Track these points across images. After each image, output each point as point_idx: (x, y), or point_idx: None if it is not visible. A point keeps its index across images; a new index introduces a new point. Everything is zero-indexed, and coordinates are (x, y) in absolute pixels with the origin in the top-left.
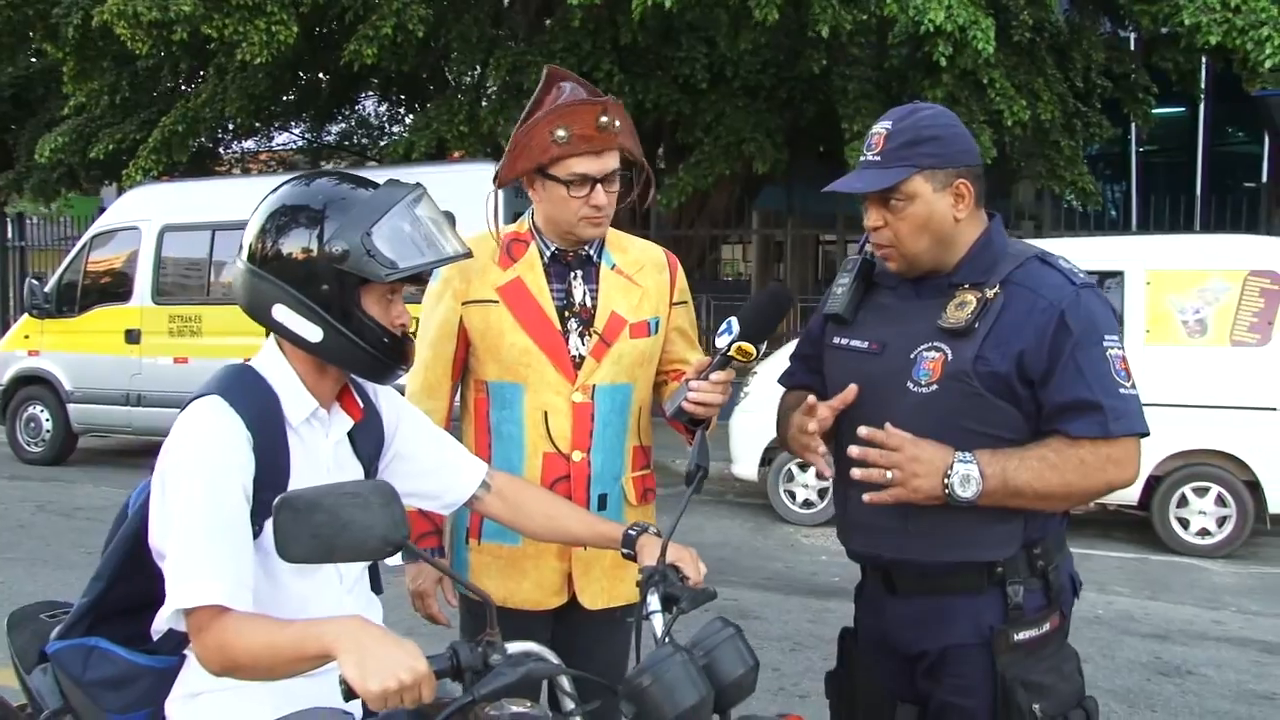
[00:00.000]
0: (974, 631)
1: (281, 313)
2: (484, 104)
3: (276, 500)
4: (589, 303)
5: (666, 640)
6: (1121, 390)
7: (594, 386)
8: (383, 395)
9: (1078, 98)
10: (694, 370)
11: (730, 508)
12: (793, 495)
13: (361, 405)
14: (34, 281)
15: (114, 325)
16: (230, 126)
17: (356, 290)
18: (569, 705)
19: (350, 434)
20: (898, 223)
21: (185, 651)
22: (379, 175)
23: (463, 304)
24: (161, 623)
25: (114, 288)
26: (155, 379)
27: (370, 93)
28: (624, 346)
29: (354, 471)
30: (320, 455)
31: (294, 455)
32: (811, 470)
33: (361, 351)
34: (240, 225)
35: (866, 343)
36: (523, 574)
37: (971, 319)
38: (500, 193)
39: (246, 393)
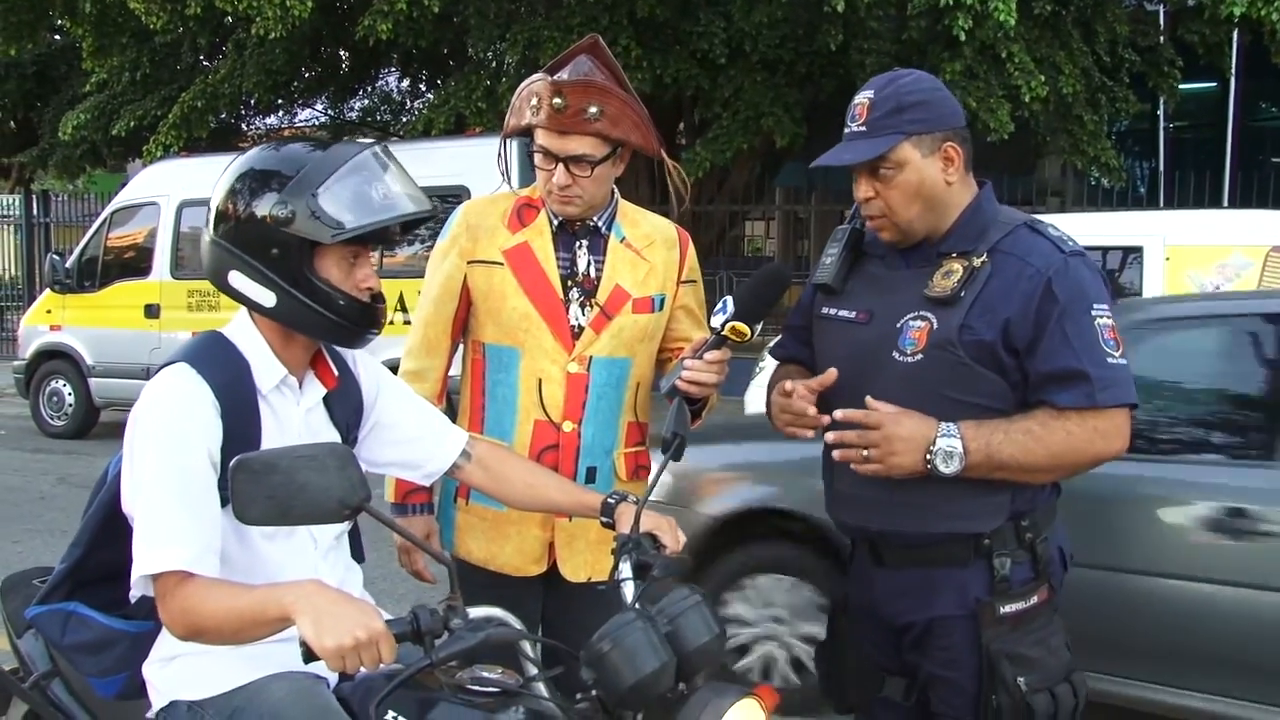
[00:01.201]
0: (960, 603)
1: (237, 279)
2: (503, 80)
3: (233, 462)
4: (593, 274)
5: (634, 606)
6: (1110, 360)
7: (591, 358)
8: (362, 363)
9: (1104, 71)
10: (690, 349)
11: None
12: None
13: (337, 373)
14: (55, 257)
15: (134, 300)
16: (250, 103)
17: (309, 253)
18: (532, 670)
19: (327, 401)
20: (889, 192)
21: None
22: (400, 150)
23: (468, 263)
24: (135, 588)
25: (134, 263)
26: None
27: (391, 68)
28: (625, 320)
29: (329, 439)
30: (291, 423)
31: (265, 422)
32: None
33: (317, 315)
34: None
35: (854, 312)
36: (505, 538)
37: (958, 288)
38: (514, 146)
39: (215, 360)
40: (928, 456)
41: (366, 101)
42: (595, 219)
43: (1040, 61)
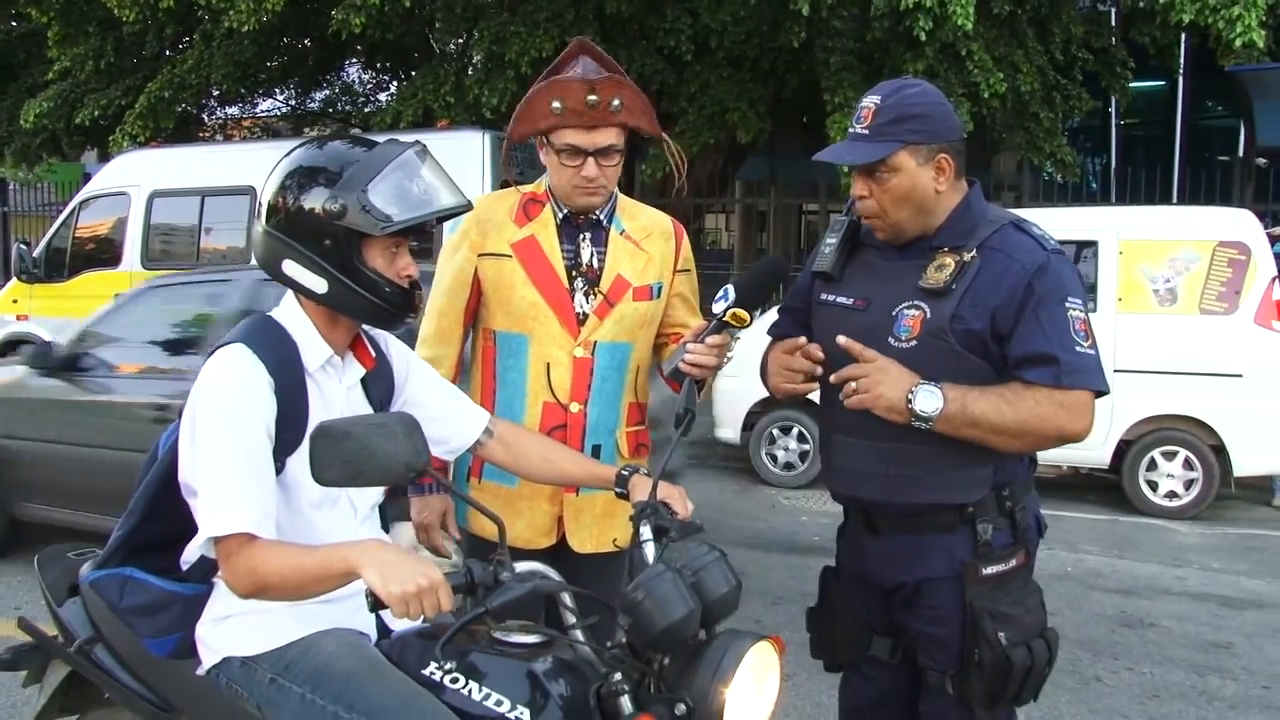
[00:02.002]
0: (946, 565)
1: (290, 267)
2: (470, 73)
3: (314, 429)
4: (596, 264)
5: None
6: (1078, 348)
7: (595, 343)
8: (394, 346)
9: (1058, 70)
10: (691, 334)
11: (714, 471)
12: (774, 458)
13: (374, 354)
14: (22, 246)
15: (103, 290)
16: (216, 93)
17: (357, 244)
18: (570, 619)
19: (363, 381)
20: (882, 194)
21: (214, 579)
22: (377, 139)
23: (478, 256)
24: (192, 552)
25: (103, 253)
26: None
27: (355, 60)
28: (626, 308)
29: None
30: (334, 399)
31: (311, 399)
32: (793, 434)
33: (365, 300)
34: (230, 191)
35: (852, 299)
36: (517, 514)
37: (949, 280)
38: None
39: (268, 341)
40: (909, 395)
41: (328, 92)
42: (598, 212)
43: (999, 60)
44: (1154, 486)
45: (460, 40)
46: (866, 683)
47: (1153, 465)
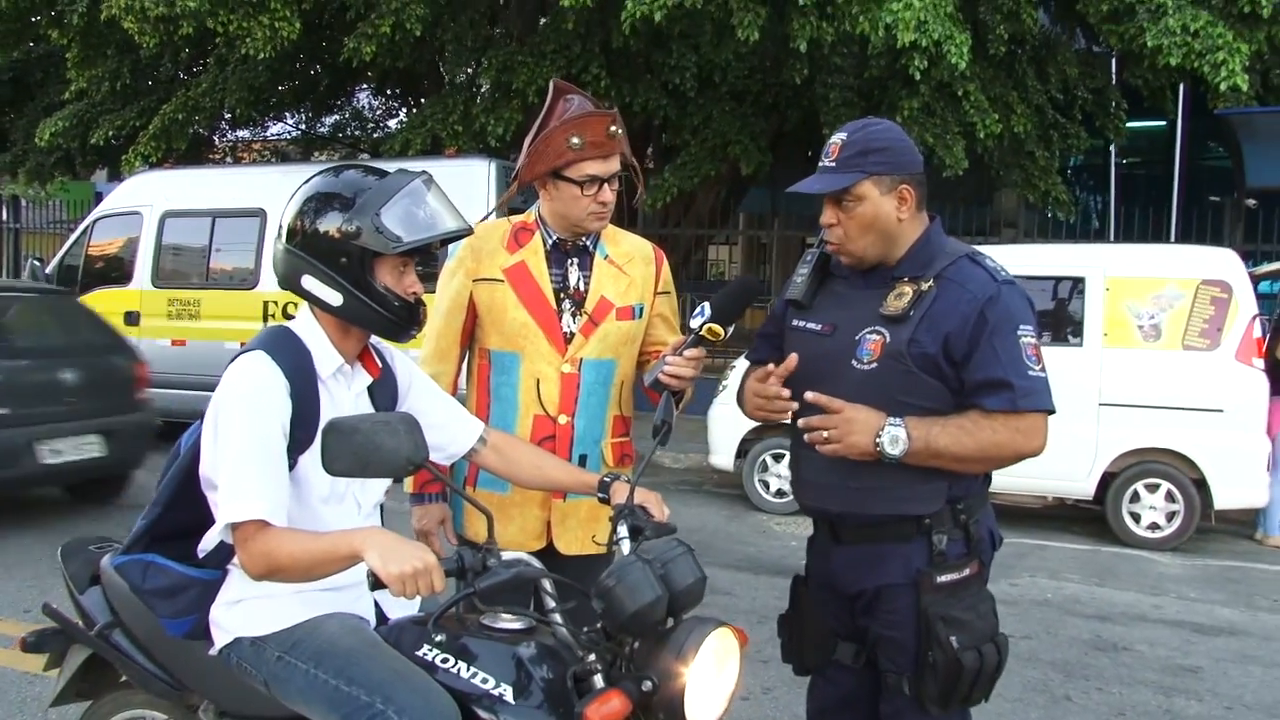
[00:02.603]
0: (904, 573)
1: (309, 282)
2: (477, 102)
3: (325, 425)
4: (582, 287)
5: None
6: (1030, 372)
7: (581, 360)
8: (398, 359)
9: (1058, 110)
10: (670, 348)
11: (707, 496)
12: (766, 485)
13: (380, 365)
14: (36, 263)
15: (114, 307)
16: (229, 116)
17: (370, 262)
18: (550, 604)
19: (370, 389)
20: (848, 221)
21: (229, 566)
22: (386, 167)
23: (473, 281)
24: (209, 540)
25: (114, 270)
26: (153, 360)
27: (365, 86)
28: (610, 327)
29: None
30: (344, 404)
31: (323, 402)
32: (784, 462)
33: (375, 313)
34: (240, 212)
35: (820, 325)
36: (509, 519)
37: (907, 307)
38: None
39: (285, 349)
40: (877, 439)
41: (337, 117)
42: (585, 239)
43: (994, 100)
44: (1137, 518)
45: (469, 70)
46: (831, 685)
47: (1136, 497)
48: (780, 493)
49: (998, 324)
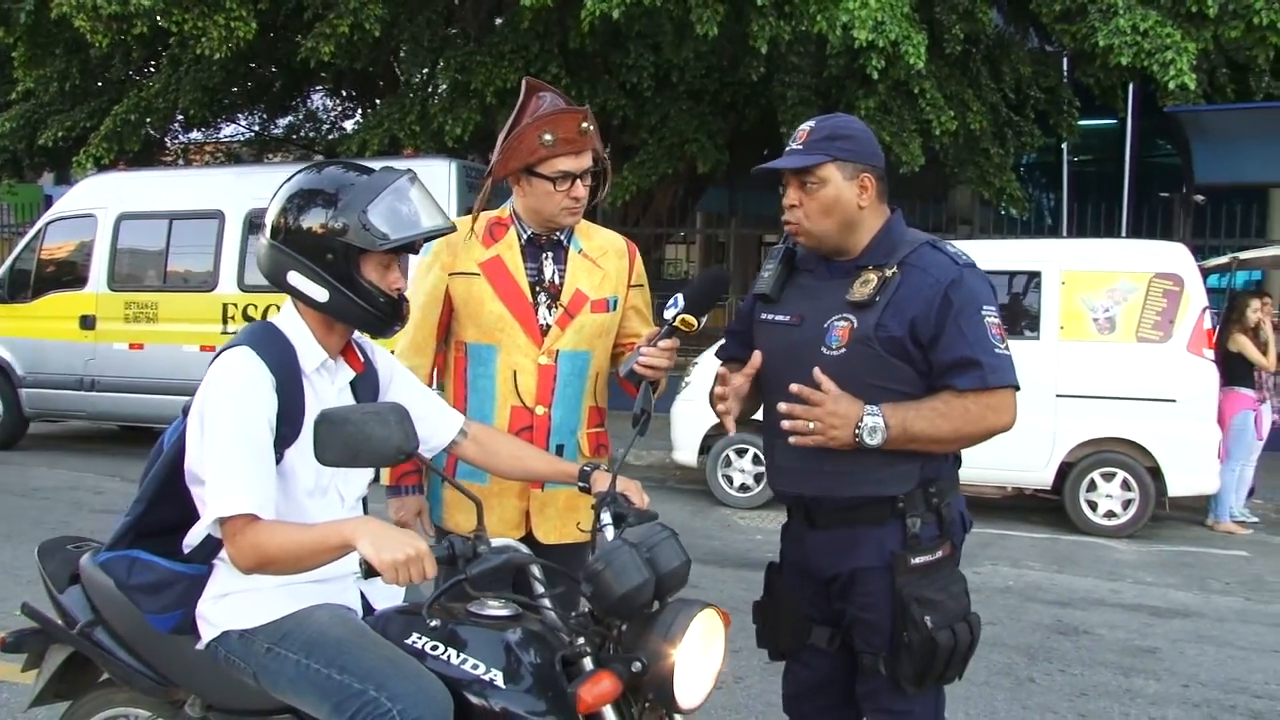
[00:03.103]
0: (878, 556)
1: (295, 278)
2: (435, 102)
3: (317, 415)
4: (557, 280)
5: (621, 538)
6: (996, 350)
7: (557, 351)
8: (378, 353)
9: (1011, 108)
10: (644, 339)
11: (671, 492)
12: (730, 480)
13: (362, 359)
14: None
15: (68, 311)
16: (181, 117)
17: (356, 258)
18: (539, 589)
19: (352, 383)
20: (809, 201)
21: (215, 561)
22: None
23: (449, 275)
24: (195, 535)
25: (69, 274)
26: (110, 364)
27: (320, 87)
28: (585, 319)
29: None
30: (327, 399)
31: (307, 397)
32: (748, 456)
33: (360, 309)
34: (198, 214)
35: (789, 316)
36: (489, 509)
37: (873, 294)
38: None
39: (270, 344)
40: (856, 431)
41: (291, 118)
42: (559, 233)
43: (950, 98)
44: (1094, 506)
45: (426, 70)
46: (806, 669)
47: (1092, 486)
48: (744, 487)
49: (962, 305)
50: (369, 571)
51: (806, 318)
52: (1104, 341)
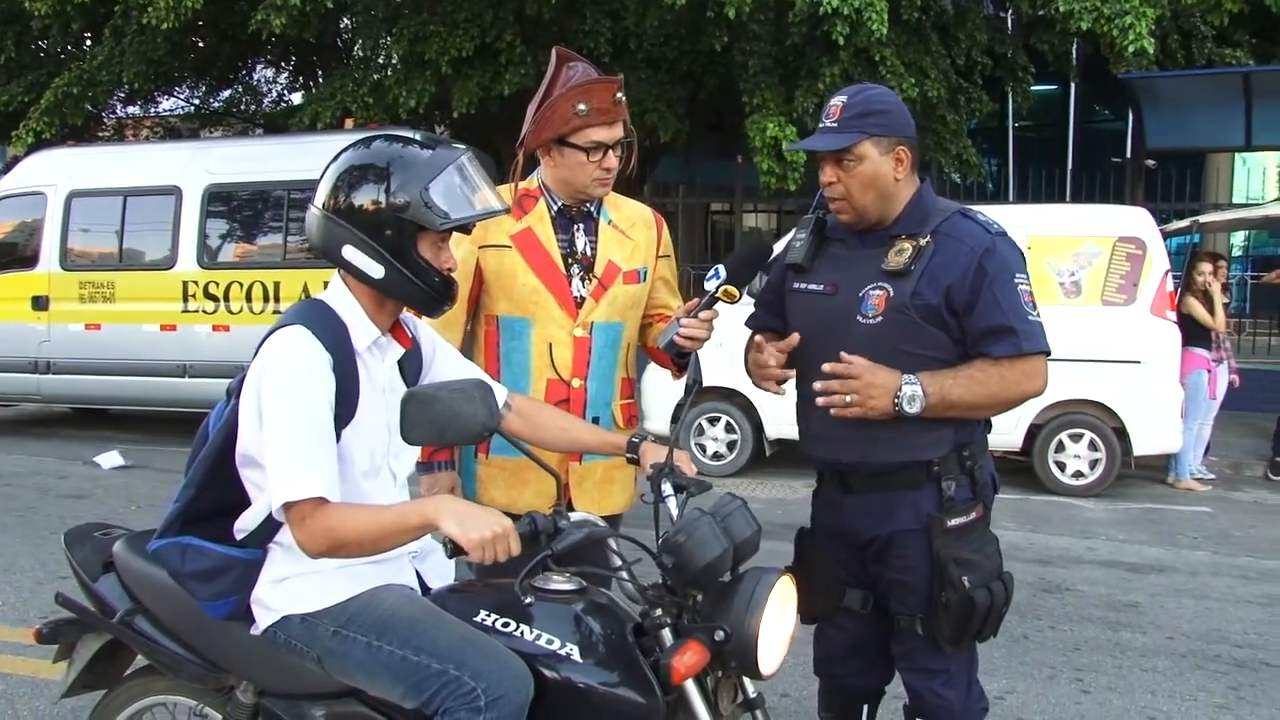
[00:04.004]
0: (915, 519)
1: (350, 253)
2: (389, 74)
3: (404, 394)
4: (589, 252)
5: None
6: (1030, 317)
7: (592, 323)
8: (421, 329)
9: (960, 75)
10: (684, 310)
11: None
12: (703, 449)
13: (410, 336)
14: None
15: (19, 292)
16: (123, 93)
17: (414, 236)
18: (616, 562)
19: (399, 361)
20: (849, 179)
21: (269, 545)
22: (289, 142)
23: (480, 248)
24: (251, 519)
25: (18, 254)
26: (65, 346)
27: (265, 59)
28: (618, 290)
29: (403, 390)
30: (379, 377)
31: (361, 376)
32: (721, 424)
33: (415, 287)
34: (154, 190)
35: (822, 285)
36: (525, 483)
37: (908, 262)
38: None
39: (324, 323)
40: (896, 400)
41: (230, 91)
42: (589, 205)
43: (909, 65)
44: (1062, 467)
45: (379, 41)
46: (840, 632)
47: (1060, 447)
48: (717, 455)
49: (996, 274)
50: (455, 550)
51: (840, 287)
52: (1070, 305)
